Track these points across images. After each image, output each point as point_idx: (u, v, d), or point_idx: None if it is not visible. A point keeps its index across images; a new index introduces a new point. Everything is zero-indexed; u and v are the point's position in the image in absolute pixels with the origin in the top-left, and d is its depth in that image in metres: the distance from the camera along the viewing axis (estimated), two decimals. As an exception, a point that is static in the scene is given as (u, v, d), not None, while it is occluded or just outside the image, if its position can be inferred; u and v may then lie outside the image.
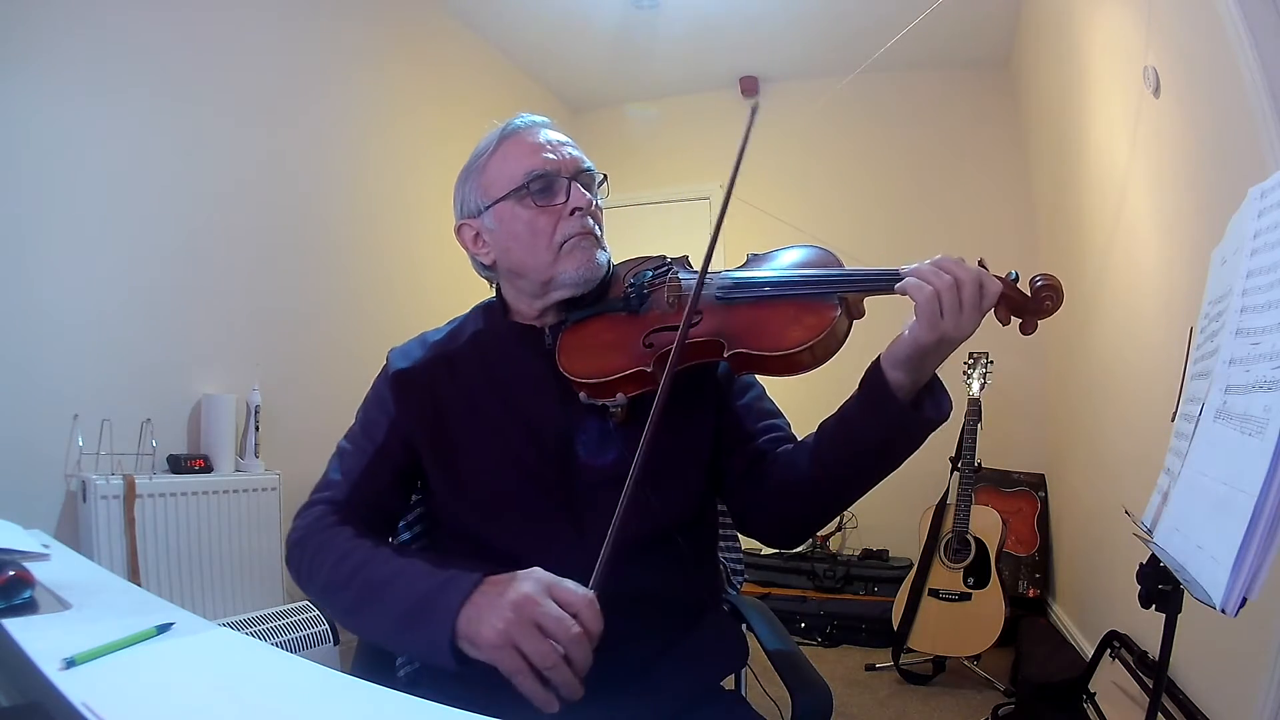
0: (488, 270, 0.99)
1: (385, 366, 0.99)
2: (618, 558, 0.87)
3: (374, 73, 2.97)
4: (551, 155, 0.92)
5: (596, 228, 0.94)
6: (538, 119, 0.96)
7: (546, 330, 0.95)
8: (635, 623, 0.88)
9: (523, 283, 0.95)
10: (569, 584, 0.72)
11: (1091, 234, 2.52)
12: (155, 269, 2.11)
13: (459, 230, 0.98)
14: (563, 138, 0.96)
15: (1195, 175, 1.60)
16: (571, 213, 0.91)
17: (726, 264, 0.92)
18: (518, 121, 0.96)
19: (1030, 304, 0.78)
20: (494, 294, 1.03)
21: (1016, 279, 0.79)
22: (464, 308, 1.06)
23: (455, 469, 0.92)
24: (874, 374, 0.81)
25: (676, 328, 0.85)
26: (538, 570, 0.75)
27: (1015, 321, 0.79)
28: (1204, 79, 1.51)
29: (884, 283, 0.79)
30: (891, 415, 0.79)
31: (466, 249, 0.98)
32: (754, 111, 0.87)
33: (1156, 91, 1.75)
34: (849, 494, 0.88)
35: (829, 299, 0.81)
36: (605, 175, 0.97)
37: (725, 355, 0.82)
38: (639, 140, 4.20)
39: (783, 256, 0.91)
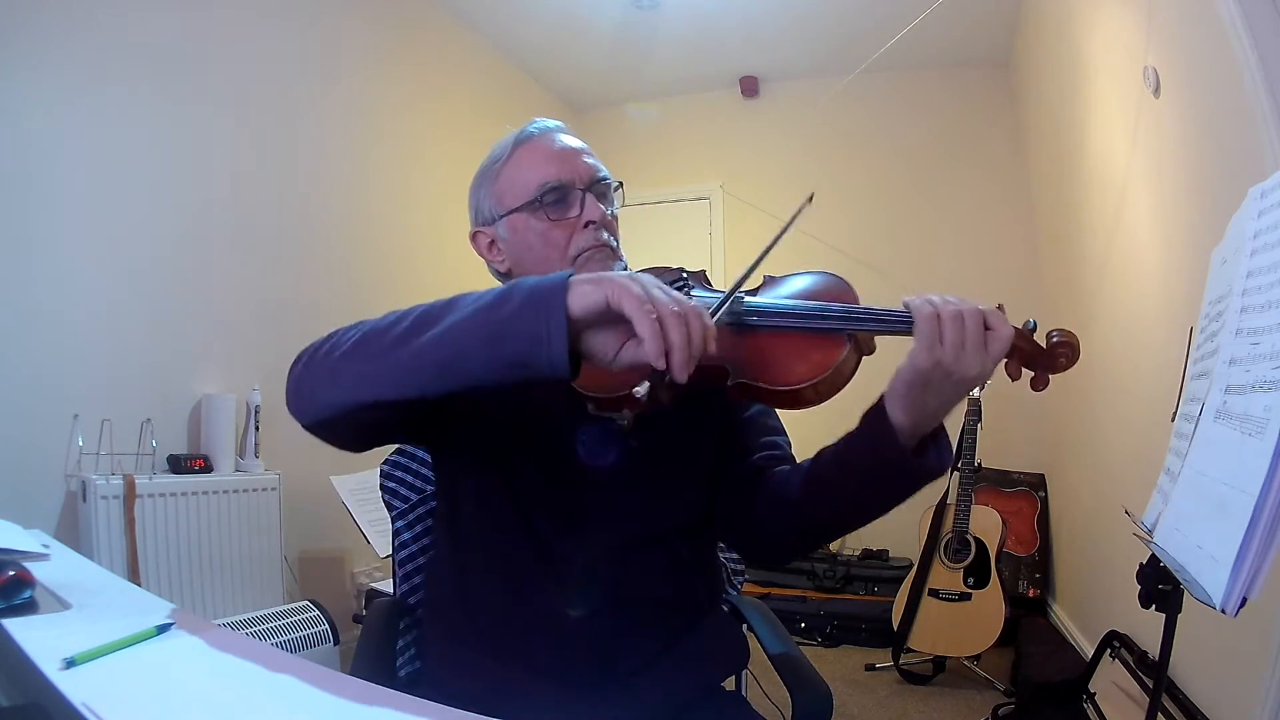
0: (503, 277, 0.98)
1: None
2: (622, 560, 0.87)
3: (374, 72, 2.97)
4: (567, 165, 0.90)
5: (611, 239, 0.92)
6: (551, 124, 0.95)
7: None
8: (636, 623, 0.88)
9: None
10: None
11: (1091, 234, 2.52)
12: (155, 269, 2.11)
13: (474, 237, 0.97)
14: (578, 144, 0.94)
15: (1195, 175, 1.60)
16: (585, 225, 0.89)
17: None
18: (532, 127, 0.94)
19: (1044, 358, 0.75)
20: None
21: (1034, 328, 0.76)
22: None
23: (468, 449, 0.92)
24: (875, 413, 0.79)
25: None
26: None
27: (1027, 375, 0.76)
28: (1204, 79, 1.51)
29: (894, 322, 0.76)
30: (888, 457, 0.77)
31: (481, 255, 0.97)
32: (808, 201, 0.86)
33: (1156, 91, 1.75)
34: (835, 527, 0.87)
35: (839, 335, 0.78)
36: (620, 183, 0.96)
37: (728, 384, 0.79)
38: (639, 140, 4.20)
39: (797, 283, 0.88)
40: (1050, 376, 0.75)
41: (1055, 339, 0.74)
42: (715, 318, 0.75)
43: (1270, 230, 0.74)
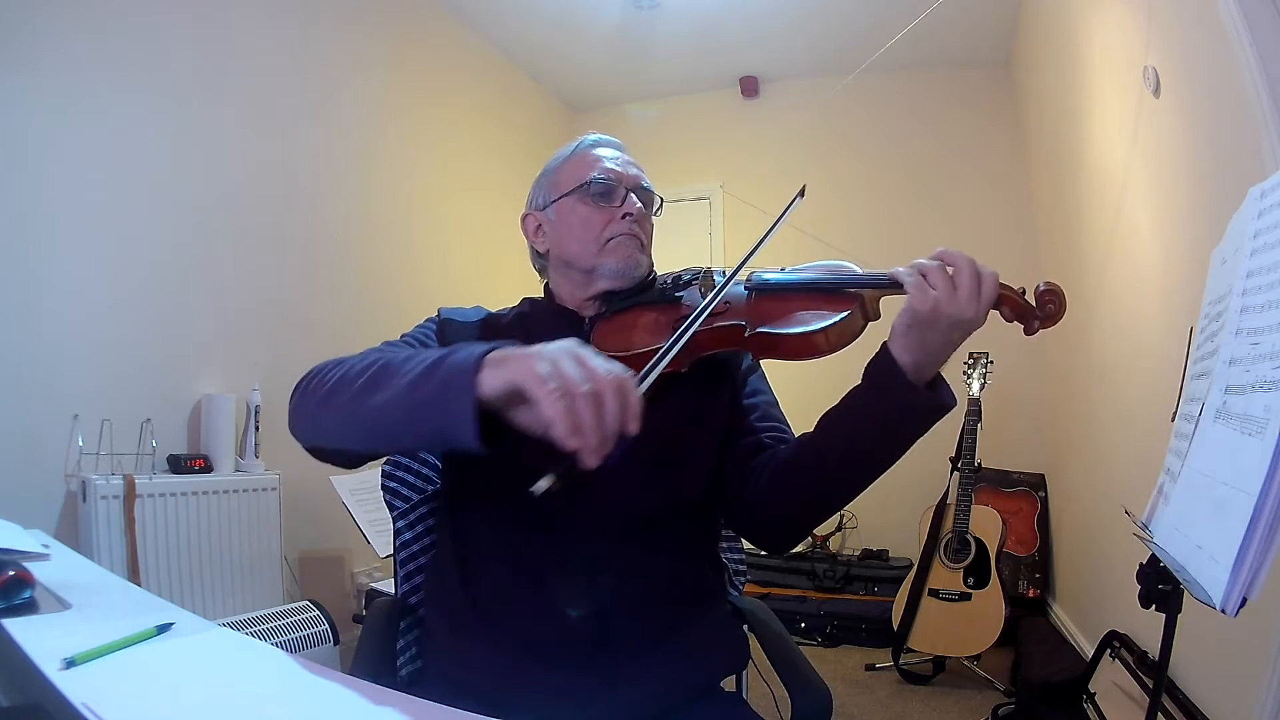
0: (541, 259, 1.07)
1: (435, 317, 1.05)
2: (629, 530, 0.90)
3: (374, 73, 2.97)
4: (618, 168, 1.02)
5: (642, 235, 1.02)
6: (613, 139, 1.08)
7: (587, 319, 1.02)
8: (639, 604, 0.89)
9: (570, 271, 1.02)
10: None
11: (1091, 234, 2.52)
12: (155, 269, 2.11)
13: (524, 219, 1.07)
14: (630, 159, 1.06)
15: (1195, 175, 1.60)
16: (623, 217, 1.00)
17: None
18: (592, 137, 1.07)
19: (1033, 310, 0.81)
20: (541, 293, 1.10)
21: (1024, 293, 0.83)
22: (466, 305, 1.09)
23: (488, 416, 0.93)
24: (879, 354, 0.83)
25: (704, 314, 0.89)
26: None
27: (1019, 326, 0.82)
28: (1204, 79, 1.51)
29: (892, 282, 0.82)
30: (894, 390, 0.80)
31: (526, 237, 1.08)
32: (800, 196, 0.92)
33: (1156, 91, 1.75)
34: (844, 480, 0.87)
35: (847, 292, 0.86)
36: (662, 199, 1.08)
37: (746, 335, 0.86)
38: (639, 140, 4.18)
39: (809, 265, 0.96)
40: (1039, 325, 0.81)
41: (1041, 289, 0.81)
42: (647, 383, 0.74)
43: (1270, 230, 0.74)
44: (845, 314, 0.83)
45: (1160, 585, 0.84)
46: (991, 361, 2.80)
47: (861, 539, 3.54)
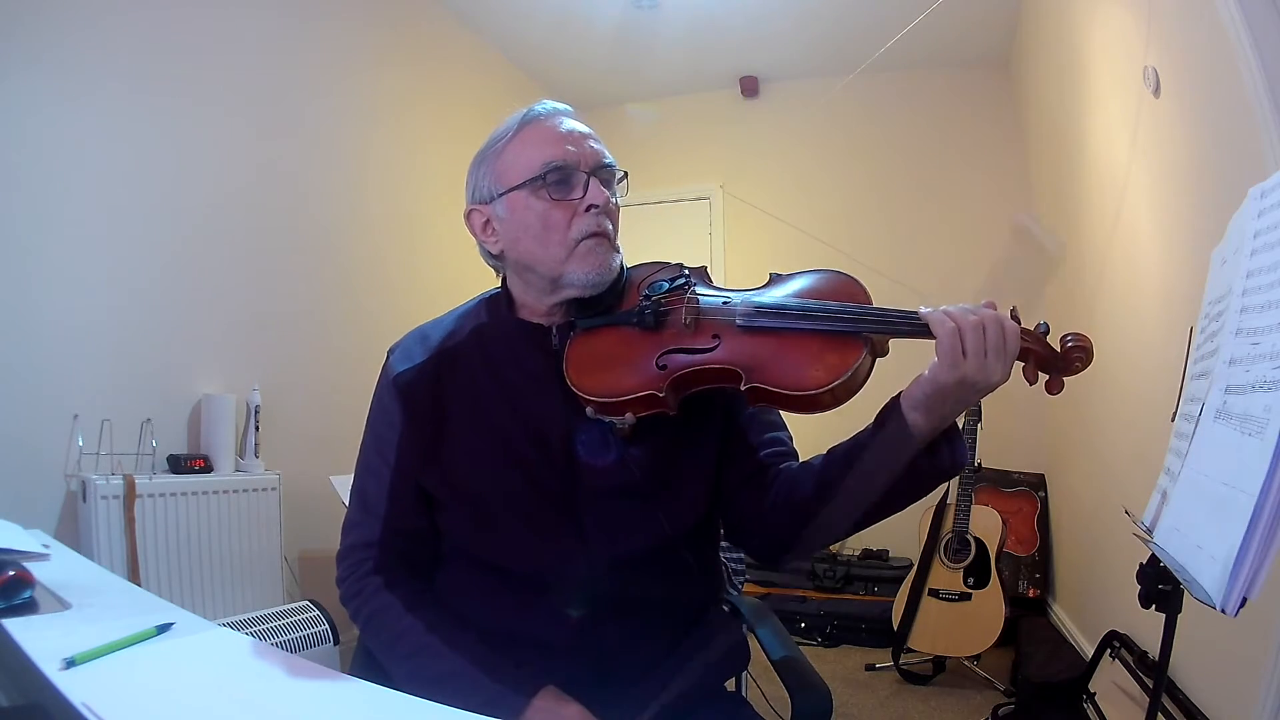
0: (495, 259, 0.95)
1: (386, 369, 0.95)
2: (623, 569, 0.87)
3: (372, 72, 2.97)
4: (572, 148, 0.88)
5: (611, 227, 0.90)
6: (560, 106, 0.93)
7: (554, 330, 0.92)
8: (637, 628, 0.88)
9: (531, 276, 0.91)
10: None
11: (1091, 234, 2.52)
12: (155, 269, 2.11)
13: (468, 215, 0.93)
14: (585, 129, 0.91)
15: (1195, 175, 1.60)
16: (587, 209, 0.87)
17: (745, 278, 0.89)
18: (539, 108, 0.92)
19: (1059, 361, 0.76)
20: (499, 285, 0.99)
21: (1047, 331, 0.77)
22: (460, 302, 1.03)
23: (454, 470, 0.90)
24: (892, 413, 0.78)
25: (692, 350, 0.82)
26: (575, 708, 0.79)
27: (1042, 379, 0.78)
28: (1204, 79, 1.51)
29: (913, 326, 0.76)
30: (904, 458, 0.77)
31: (475, 235, 0.94)
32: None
33: (1156, 91, 1.75)
34: (846, 526, 0.86)
35: (855, 337, 0.77)
36: (625, 172, 0.93)
37: (742, 387, 0.78)
38: (639, 140, 4.20)
39: (807, 281, 0.86)
40: (1064, 380, 0.77)
41: (1070, 343, 0.76)
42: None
43: (1270, 230, 0.73)
44: (854, 365, 0.75)
45: (1160, 585, 0.84)
46: (991, 361, 2.80)
47: (862, 539, 3.53)
